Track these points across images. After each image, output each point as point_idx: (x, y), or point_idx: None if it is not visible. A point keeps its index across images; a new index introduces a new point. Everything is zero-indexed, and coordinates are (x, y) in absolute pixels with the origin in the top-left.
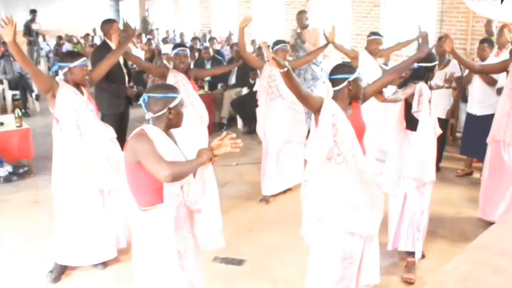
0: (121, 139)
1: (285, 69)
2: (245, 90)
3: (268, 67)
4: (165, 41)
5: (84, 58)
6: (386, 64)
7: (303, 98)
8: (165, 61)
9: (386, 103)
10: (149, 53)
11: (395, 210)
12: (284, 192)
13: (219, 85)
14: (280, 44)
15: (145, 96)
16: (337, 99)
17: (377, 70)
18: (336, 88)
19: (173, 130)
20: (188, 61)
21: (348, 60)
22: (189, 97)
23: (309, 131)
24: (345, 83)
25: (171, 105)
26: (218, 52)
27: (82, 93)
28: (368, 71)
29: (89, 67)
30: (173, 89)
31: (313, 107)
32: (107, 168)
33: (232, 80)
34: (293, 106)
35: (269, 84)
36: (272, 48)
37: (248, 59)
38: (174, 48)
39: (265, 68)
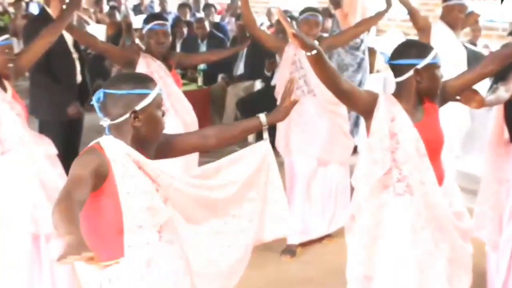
0: (71, 158)
1: (314, 51)
2: (258, 85)
3: (291, 49)
4: (137, 9)
5: (5, 36)
6: (474, 44)
7: (345, 95)
8: (137, 41)
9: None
10: (112, 29)
11: (497, 271)
12: (320, 240)
13: (220, 77)
14: (307, 12)
15: (100, 92)
16: (399, 96)
17: (460, 53)
18: (399, 79)
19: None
20: (168, 40)
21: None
22: (170, 96)
23: (356, 147)
24: (411, 72)
25: (138, 107)
26: (217, 26)
27: (4, 89)
28: (447, 53)
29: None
30: (143, 81)
31: (362, 108)
32: (42, 201)
33: (239, 69)
34: (331, 108)
35: (293, 75)
36: (296, 19)
37: (261, 37)
38: (147, 21)
39: (287, 51)
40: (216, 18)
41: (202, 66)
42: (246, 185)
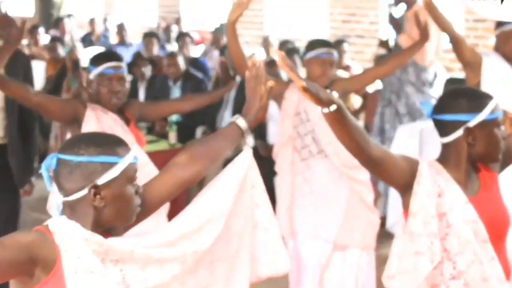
0: None
1: (333, 107)
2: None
3: (294, 95)
4: (87, 40)
5: None
6: None
7: (376, 164)
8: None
9: None
10: (53, 67)
11: None
12: None
13: (198, 131)
14: (320, 48)
15: (52, 157)
16: (446, 163)
17: None
18: (445, 140)
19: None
20: (125, 88)
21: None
22: None
23: (383, 224)
24: (460, 132)
25: (101, 180)
26: (195, 62)
27: None
28: (504, 96)
29: None
30: (111, 144)
31: (398, 181)
32: None
33: (225, 120)
34: (348, 173)
35: (297, 131)
36: (297, 51)
37: None
38: (95, 61)
39: (288, 98)
40: (193, 52)
41: (175, 117)
42: (229, 217)
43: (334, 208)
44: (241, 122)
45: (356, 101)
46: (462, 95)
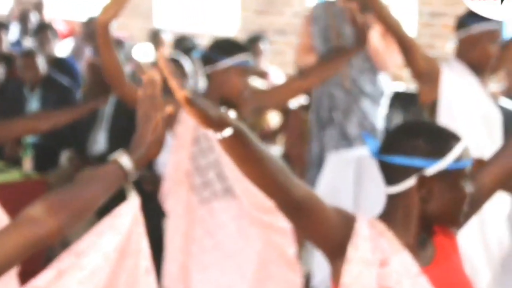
0: None
1: (227, 130)
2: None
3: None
4: None
5: None
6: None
7: (293, 205)
8: None
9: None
10: None
11: None
12: None
13: (63, 156)
14: (240, 53)
15: None
16: (392, 220)
17: (491, 117)
18: (392, 190)
19: None
20: None
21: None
22: None
23: (307, 282)
24: (412, 181)
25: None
26: (60, 63)
27: None
28: (467, 118)
29: None
30: None
31: (324, 237)
32: None
33: (99, 142)
34: (263, 219)
35: (195, 164)
36: (194, 49)
37: (131, 97)
38: None
39: (183, 120)
40: (59, 49)
41: (31, 138)
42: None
43: (243, 267)
44: (125, 160)
45: (273, 118)
46: (419, 132)
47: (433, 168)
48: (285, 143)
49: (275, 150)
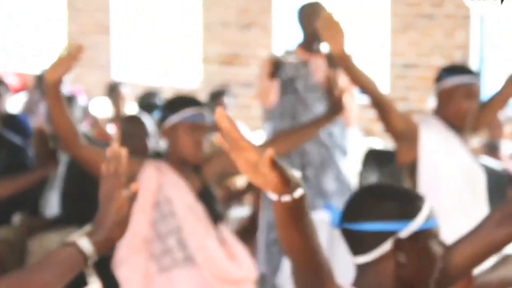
0: None
1: (298, 192)
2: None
3: (150, 178)
4: None
5: None
6: (494, 148)
7: (312, 277)
8: None
9: None
10: None
11: None
12: None
13: (15, 218)
14: (187, 108)
15: None
16: None
17: (474, 178)
18: (362, 259)
19: None
20: None
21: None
22: None
23: None
24: (387, 246)
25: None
26: (11, 120)
27: None
28: (447, 181)
29: None
30: None
31: None
32: None
33: (50, 202)
34: None
35: (155, 229)
36: (161, 119)
37: (88, 160)
38: None
39: (142, 182)
40: (11, 104)
41: None
42: None
43: None
44: (85, 243)
45: (239, 178)
46: (386, 196)
47: (407, 230)
48: (253, 203)
49: (242, 212)
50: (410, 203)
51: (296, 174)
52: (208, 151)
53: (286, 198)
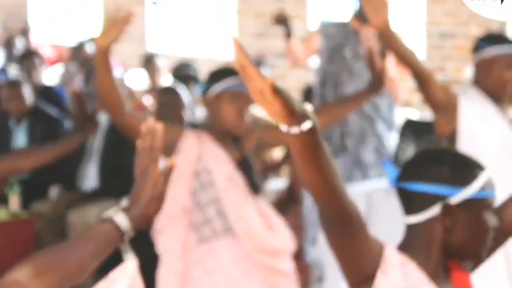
0: None
1: (306, 124)
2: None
3: (190, 146)
4: None
5: None
6: None
7: (340, 218)
8: None
9: None
10: None
11: None
12: None
13: (52, 191)
14: (227, 78)
15: None
16: (412, 252)
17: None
18: (412, 219)
19: None
20: None
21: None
22: None
23: None
24: (436, 210)
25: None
26: (47, 92)
27: None
28: (488, 149)
29: None
30: None
31: (360, 261)
32: None
33: (88, 175)
34: (266, 263)
35: (195, 199)
36: (204, 91)
37: (131, 127)
38: None
39: (182, 150)
40: (47, 76)
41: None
42: None
43: None
44: (121, 219)
45: (277, 151)
46: (443, 160)
47: (458, 196)
48: (289, 175)
49: (280, 183)
50: (465, 170)
51: (306, 107)
52: (249, 122)
53: (294, 130)
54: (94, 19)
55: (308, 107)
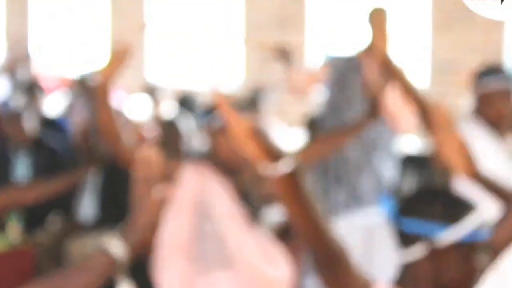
0: None
1: (286, 163)
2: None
3: (190, 178)
4: None
5: None
6: None
7: (328, 256)
8: None
9: None
10: None
11: None
12: None
13: (53, 220)
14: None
15: None
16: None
17: None
18: (403, 256)
19: None
20: None
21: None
22: None
23: None
24: (423, 248)
25: None
26: (50, 124)
27: None
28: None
29: None
30: None
31: None
32: None
33: (85, 205)
34: None
35: (195, 230)
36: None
37: (124, 159)
38: None
39: (181, 182)
40: (50, 105)
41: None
42: None
43: None
44: (115, 247)
45: None
46: (434, 198)
47: (446, 236)
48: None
49: (280, 212)
50: (454, 209)
51: (283, 148)
52: None
53: (270, 170)
54: (97, 50)
55: (290, 149)
